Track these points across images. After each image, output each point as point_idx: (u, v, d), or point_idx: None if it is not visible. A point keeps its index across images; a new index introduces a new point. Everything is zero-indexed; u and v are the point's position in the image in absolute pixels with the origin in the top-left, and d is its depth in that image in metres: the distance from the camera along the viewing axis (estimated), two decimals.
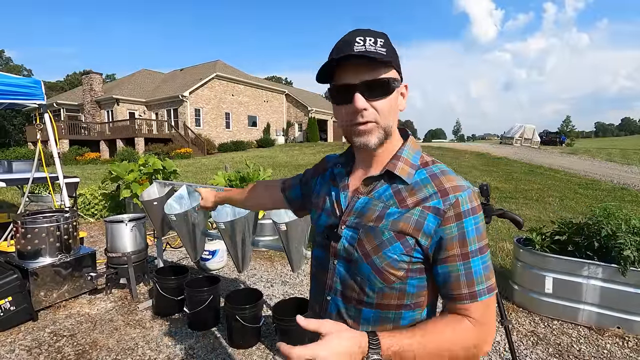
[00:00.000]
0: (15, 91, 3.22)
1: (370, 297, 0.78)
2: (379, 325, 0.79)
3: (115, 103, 23.99)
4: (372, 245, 0.76)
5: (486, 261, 0.74)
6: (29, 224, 2.95)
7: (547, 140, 30.46)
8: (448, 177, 0.76)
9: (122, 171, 5.25)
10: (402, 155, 0.79)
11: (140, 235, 3.21)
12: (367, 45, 0.70)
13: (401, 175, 0.77)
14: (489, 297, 0.73)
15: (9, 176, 3.77)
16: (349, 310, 0.81)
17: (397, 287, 0.76)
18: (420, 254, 0.74)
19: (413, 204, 0.74)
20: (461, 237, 0.72)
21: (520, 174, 11.67)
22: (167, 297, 2.89)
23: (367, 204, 0.79)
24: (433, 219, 0.72)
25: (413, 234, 0.73)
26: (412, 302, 0.78)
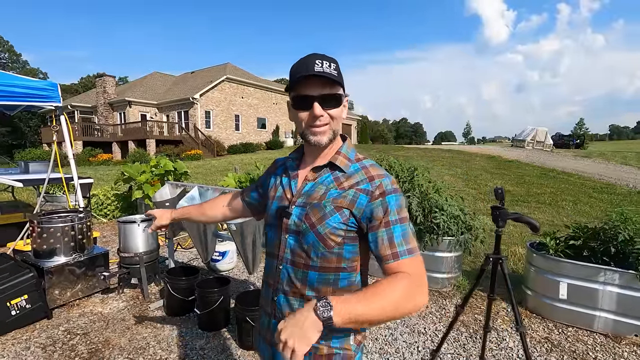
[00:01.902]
0: (33, 93, 3.30)
1: (315, 261, 0.96)
2: (322, 286, 0.97)
3: (127, 105, 24.39)
4: (316, 217, 0.95)
5: (405, 229, 0.92)
6: (44, 224, 3.01)
7: (560, 143, 29.92)
8: (374, 168, 0.99)
9: (134, 172, 5.32)
10: (341, 152, 1.02)
11: (152, 235, 3.25)
12: (324, 67, 0.91)
13: (340, 165, 0.99)
14: (411, 257, 0.89)
15: (25, 177, 3.86)
16: (297, 274, 0.99)
17: (335, 251, 0.95)
18: (354, 223, 0.94)
19: (349, 186, 0.96)
20: (384, 210, 0.91)
21: (532, 178, 11.48)
22: (178, 298, 2.91)
23: (313, 187, 1.00)
24: (364, 198, 0.93)
25: (348, 207, 0.93)
26: (348, 266, 0.97)
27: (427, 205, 3.44)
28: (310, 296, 0.97)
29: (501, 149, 24.43)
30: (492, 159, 17.29)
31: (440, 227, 3.33)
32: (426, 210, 3.45)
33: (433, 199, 3.45)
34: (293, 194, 1.02)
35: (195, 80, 26.97)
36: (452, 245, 3.46)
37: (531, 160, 16.85)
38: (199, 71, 29.96)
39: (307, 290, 0.98)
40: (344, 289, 0.98)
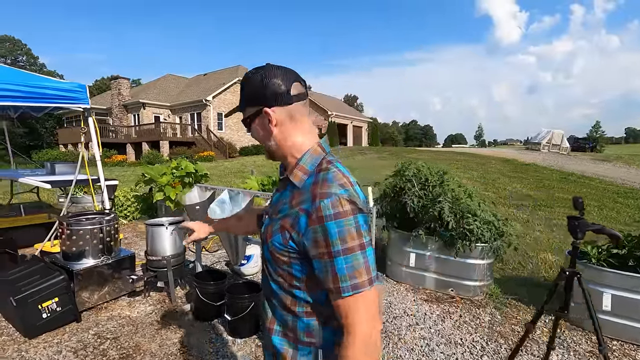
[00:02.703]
0: (63, 95, 3.30)
1: (272, 274, 0.96)
2: (282, 300, 0.95)
3: (141, 107, 24.71)
4: (269, 232, 0.94)
5: (351, 262, 0.81)
6: (74, 226, 3.00)
7: (576, 147, 29.34)
8: (324, 184, 0.86)
9: (155, 174, 5.33)
10: (300, 163, 0.93)
11: (179, 239, 3.21)
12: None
13: (294, 180, 0.91)
14: (355, 295, 0.81)
15: (52, 178, 3.87)
16: (267, 283, 1.00)
17: (285, 269, 0.92)
18: (294, 247, 0.87)
19: (295, 204, 0.88)
20: (324, 238, 0.82)
21: (553, 181, 11.23)
22: (206, 302, 2.87)
23: (277, 199, 0.98)
24: (304, 220, 0.85)
25: (289, 229, 0.87)
26: (300, 285, 0.91)
27: (458, 211, 3.33)
28: (276, 305, 0.98)
29: (516, 152, 24.02)
30: (507, 162, 17.00)
31: (473, 233, 3.22)
32: (458, 216, 3.34)
33: (465, 204, 3.34)
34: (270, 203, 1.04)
35: (207, 83, 27.21)
36: (485, 252, 3.35)
37: (548, 163, 16.52)
38: (211, 73, 30.22)
39: (274, 300, 0.98)
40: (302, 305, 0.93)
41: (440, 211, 3.34)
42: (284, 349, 0.96)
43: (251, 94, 0.94)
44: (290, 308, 0.94)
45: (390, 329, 2.86)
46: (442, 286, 3.53)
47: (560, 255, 4.59)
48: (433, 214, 3.39)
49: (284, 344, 0.96)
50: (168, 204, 5.12)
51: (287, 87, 0.90)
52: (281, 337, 0.97)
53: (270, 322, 1.00)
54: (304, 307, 0.93)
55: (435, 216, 3.40)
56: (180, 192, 5.08)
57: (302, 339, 0.94)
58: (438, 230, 3.44)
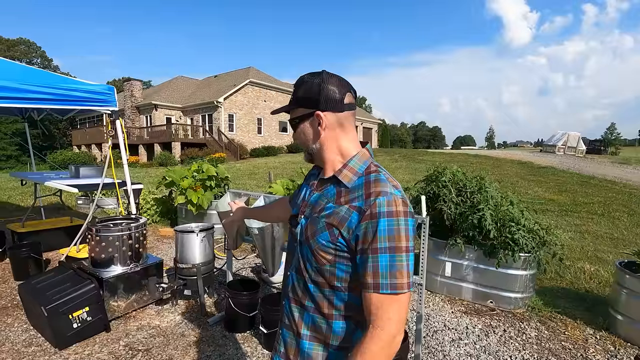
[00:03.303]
0: (92, 97, 3.23)
1: (310, 274, 0.94)
2: (319, 300, 0.94)
3: (154, 108, 24.88)
4: (311, 231, 0.93)
5: (395, 261, 0.82)
6: (103, 232, 2.92)
7: (591, 149, 28.75)
8: (377, 183, 0.89)
9: (177, 177, 5.25)
10: (349, 165, 0.96)
11: (209, 246, 3.11)
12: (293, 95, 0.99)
13: (343, 180, 0.93)
14: (392, 295, 0.82)
15: (78, 181, 3.81)
16: (299, 283, 0.98)
17: (328, 269, 0.90)
18: (344, 243, 0.88)
19: (344, 202, 0.90)
20: (373, 234, 0.83)
21: (574, 185, 10.92)
22: (239, 313, 2.75)
23: (318, 199, 0.98)
24: (356, 216, 0.86)
25: (338, 225, 0.88)
26: (342, 285, 0.91)
27: (499, 219, 3.17)
28: (308, 307, 0.97)
29: (529, 155, 23.59)
30: (523, 165, 16.67)
31: (518, 243, 3.05)
32: (499, 224, 3.18)
33: (507, 212, 3.17)
34: (304, 203, 1.03)
35: (219, 84, 27.29)
36: (528, 263, 3.18)
37: (566, 166, 16.14)
38: (222, 75, 30.34)
39: (307, 301, 0.97)
40: (340, 307, 0.93)
41: (480, 219, 3.18)
42: (314, 352, 0.96)
43: (305, 97, 0.96)
44: (327, 310, 0.94)
45: (432, 344, 2.71)
46: (481, 297, 3.37)
47: (599, 264, 4.38)
48: (472, 222, 3.24)
49: (314, 346, 0.97)
50: (190, 208, 5.03)
51: (341, 95, 0.94)
52: (310, 341, 0.97)
53: (298, 325, 0.99)
54: (341, 309, 0.93)
55: (474, 224, 3.24)
56: (202, 196, 4.99)
57: (333, 342, 0.94)
58: (477, 239, 3.29)
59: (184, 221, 5.67)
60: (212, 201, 5.16)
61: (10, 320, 2.92)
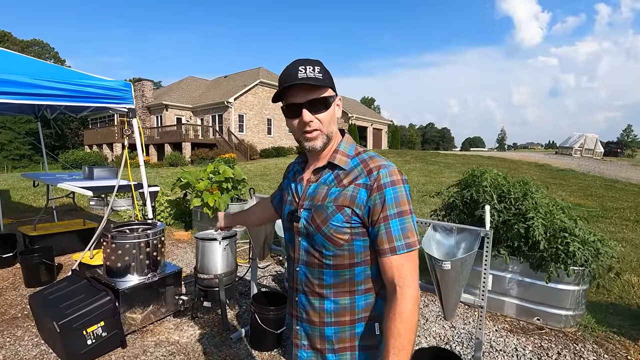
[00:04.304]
0: (108, 94, 3.03)
1: (328, 259, 0.97)
2: (339, 283, 0.98)
3: (164, 109, 24.90)
4: (320, 218, 0.96)
5: (405, 223, 0.92)
6: (119, 239, 2.70)
7: (607, 151, 28.00)
8: (373, 159, 0.98)
9: (192, 179, 5.04)
10: (339, 149, 1.02)
11: (232, 254, 2.88)
12: (307, 72, 0.92)
13: (339, 164, 1.00)
14: (408, 252, 0.91)
15: (92, 183, 3.61)
16: (313, 274, 1.00)
17: (346, 248, 0.95)
18: (358, 220, 0.94)
19: (348, 183, 0.96)
20: (382, 204, 0.92)
21: (598, 189, 10.48)
22: (266, 330, 2.51)
23: (316, 188, 1.01)
24: (364, 192, 0.94)
25: (349, 205, 0.94)
26: (362, 260, 0.97)
27: (551, 229, 2.88)
28: (327, 294, 0.99)
29: (545, 157, 23.00)
30: (541, 168, 16.19)
31: (572, 255, 2.76)
32: (549, 234, 2.88)
33: (559, 221, 2.88)
34: (300, 197, 1.04)
35: (229, 84, 27.23)
36: (581, 277, 2.88)
37: (586, 169, 15.62)
38: (232, 75, 30.29)
39: (325, 289, 0.99)
40: (361, 282, 0.97)
41: (528, 228, 2.89)
42: (340, 336, 0.99)
43: (331, 79, 0.98)
44: (348, 289, 0.97)
45: None
46: (526, 314, 3.07)
47: None
48: (518, 231, 2.95)
49: (339, 331, 0.99)
50: (206, 211, 4.82)
51: None
52: (334, 326, 0.99)
53: (318, 316, 1.00)
54: (363, 284, 0.97)
55: (520, 234, 2.95)
56: (219, 199, 4.77)
57: (359, 316, 0.98)
58: (523, 250, 3.00)
59: (199, 224, 5.46)
60: (229, 204, 4.94)
61: (20, 332, 2.72)
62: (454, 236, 1.92)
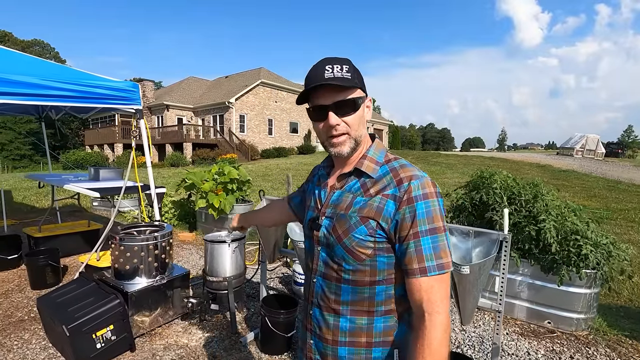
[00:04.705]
0: (115, 95, 3.00)
1: (347, 274, 0.90)
2: (357, 301, 0.90)
3: (165, 109, 24.87)
4: (342, 229, 0.89)
5: (437, 242, 0.83)
6: (127, 241, 2.68)
7: (608, 152, 27.99)
8: (405, 169, 0.90)
9: (197, 180, 5.02)
10: (368, 155, 0.95)
11: (241, 257, 2.85)
12: (335, 72, 0.86)
13: (367, 171, 0.92)
14: (440, 275, 0.82)
15: (99, 185, 3.59)
16: (330, 288, 0.93)
17: (368, 263, 0.88)
18: (383, 235, 0.86)
19: (375, 192, 0.88)
20: (412, 219, 0.83)
21: (601, 190, 10.47)
22: (276, 333, 2.48)
23: (340, 196, 0.95)
24: (392, 205, 0.86)
25: (374, 217, 0.86)
26: (384, 278, 0.88)
27: (562, 231, 2.85)
28: (343, 311, 0.92)
29: (547, 157, 22.98)
30: (543, 168, 16.19)
31: (584, 258, 2.73)
32: (560, 237, 2.86)
33: (571, 223, 2.85)
34: (322, 204, 0.98)
35: (229, 85, 27.21)
36: (592, 280, 2.86)
37: (588, 170, 15.62)
38: (233, 75, 30.27)
39: (341, 306, 0.92)
40: (382, 303, 0.89)
41: (539, 231, 2.87)
42: (354, 358, 0.92)
43: (361, 79, 0.92)
44: (367, 309, 0.90)
45: None
46: (536, 317, 3.05)
47: None
48: (529, 233, 2.93)
49: (354, 353, 0.92)
50: (211, 212, 4.79)
51: None
52: (349, 347, 0.92)
53: (332, 333, 0.93)
54: (383, 304, 0.89)
55: (531, 236, 2.93)
56: (224, 200, 4.75)
57: (377, 340, 0.90)
58: (534, 253, 2.97)
59: (203, 225, 5.44)
60: (234, 205, 4.92)
61: (27, 335, 2.69)
62: (471, 240, 1.89)
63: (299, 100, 0.94)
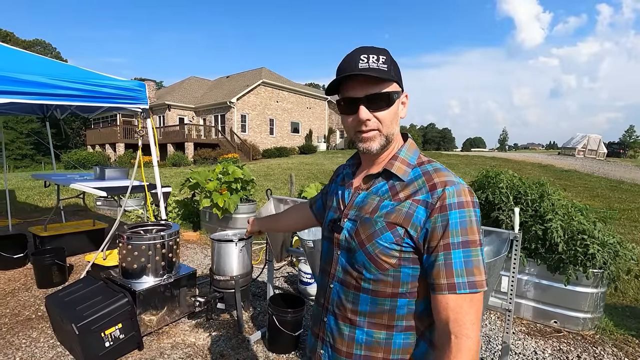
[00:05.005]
0: (122, 94, 3.01)
1: (367, 283, 0.83)
2: (376, 313, 0.83)
3: (167, 109, 24.89)
4: (366, 234, 0.82)
5: (470, 256, 0.74)
6: (135, 240, 2.68)
7: (610, 152, 27.96)
8: (439, 173, 0.82)
9: (202, 179, 5.02)
10: (399, 156, 0.87)
11: (248, 256, 2.86)
12: (370, 62, 0.79)
13: (397, 173, 0.85)
14: (470, 294, 0.73)
15: (105, 184, 3.60)
16: (348, 296, 0.87)
17: (391, 274, 0.80)
18: (411, 243, 0.78)
19: (405, 197, 0.81)
20: (443, 228, 0.75)
21: (604, 190, 10.46)
22: (284, 332, 2.49)
23: (365, 198, 0.87)
24: (423, 211, 0.78)
25: (403, 224, 0.78)
26: (407, 291, 0.81)
27: (569, 231, 2.85)
28: (360, 323, 0.85)
29: (548, 157, 22.96)
30: (545, 168, 16.17)
31: (591, 258, 2.73)
32: (567, 236, 2.86)
33: (578, 222, 2.86)
34: (345, 205, 0.91)
35: (231, 85, 27.23)
36: (599, 279, 2.86)
37: (590, 170, 15.60)
38: (234, 75, 30.29)
39: (359, 316, 0.85)
40: (403, 317, 0.82)
41: (546, 230, 2.87)
42: None
43: (397, 72, 0.84)
44: (386, 322, 0.83)
45: None
46: (542, 316, 3.05)
47: None
48: (536, 233, 2.93)
49: None
50: (215, 212, 4.80)
51: None
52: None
53: (346, 345, 0.86)
54: (404, 319, 0.82)
55: (538, 236, 2.93)
56: (229, 199, 4.75)
57: (394, 357, 0.83)
58: (540, 252, 2.97)
59: (207, 225, 5.45)
60: (238, 204, 4.92)
61: (35, 334, 2.70)
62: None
63: (328, 90, 0.86)
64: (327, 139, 31.24)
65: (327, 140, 31.08)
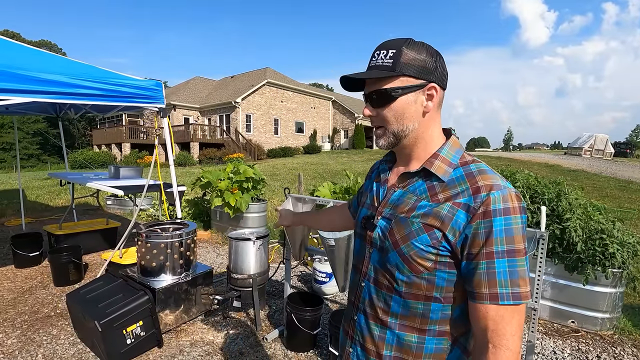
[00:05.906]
0: (140, 94, 3.04)
1: (400, 285, 0.80)
2: (408, 316, 0.80)
3: (172, 109, 24.98)
4: (401, 234, 0.79)
5: (515, 266, 0.71)
6: (154, 238, 2.70)
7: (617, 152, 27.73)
8: (484, 175, 0.76)
9: (214, 178, 5.05)
10: (440, 154, 0.83)
11: (265, 255, 2.87)
12: (379, 59, 0.79)
13: (437, 173, 0.80)
14: (513, 305, 0.70)
15: (121, 182, 3.62)
16: (379, 296, 0.84)
17: (425, 277, 0.77)
18: (448, 248, 0.75)
19: (444, 199, 0.77)
20: (487, 236, 0.71)
21: (613, 190, 10.37)
22: (302, 330, 2.50)
23: (401, 196, 0.84)
24: (463, 216, 0.73)
25: (441, 227, 0.75)
26: (442, 296, 0.78)
27: (587, 230, 2.84)
28: (391, 324, 0.82)
29: (555, 157, 22.80)
30: (552, 168, 16.05)
31: (610, 257, 2.72)
32: (585, 236, 2.85)
33: (597, 222, 2.84)
34: (380, 202, 0.88)
35: (235, 85, 27.30)
36: (618, 279, 2.84)
37: (598, 170, 15.47)
38: (239, 75, 30.37)
39: (390, 317, 0.83)
40: (436, 322, 0.79)
41: (564, 230, 2.85)
42: None
43: (417, 64, 0.78)
44: (418, 326, 0.80)
45: None
46: (559, 316, 3.04)
47: None
48: (553, 232, 2.91)
49: None
50: (226, 211, 4.82)
51: (447, 72, 0.84)
52: None
53: (377, 345, 0.85)
54: (437, 324, 0.79)
55: (555, 235, 2.92)
56: (240, 199, 4.77)
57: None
58: (557, 251, 2.96)
59: (218, 224, 5.47)
60: (250, 204, 4.94)
61: (55, 331, 2.73)
62: None
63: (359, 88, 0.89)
64: (332, 139, 31.22)
65: (331, 140, 31.07)
